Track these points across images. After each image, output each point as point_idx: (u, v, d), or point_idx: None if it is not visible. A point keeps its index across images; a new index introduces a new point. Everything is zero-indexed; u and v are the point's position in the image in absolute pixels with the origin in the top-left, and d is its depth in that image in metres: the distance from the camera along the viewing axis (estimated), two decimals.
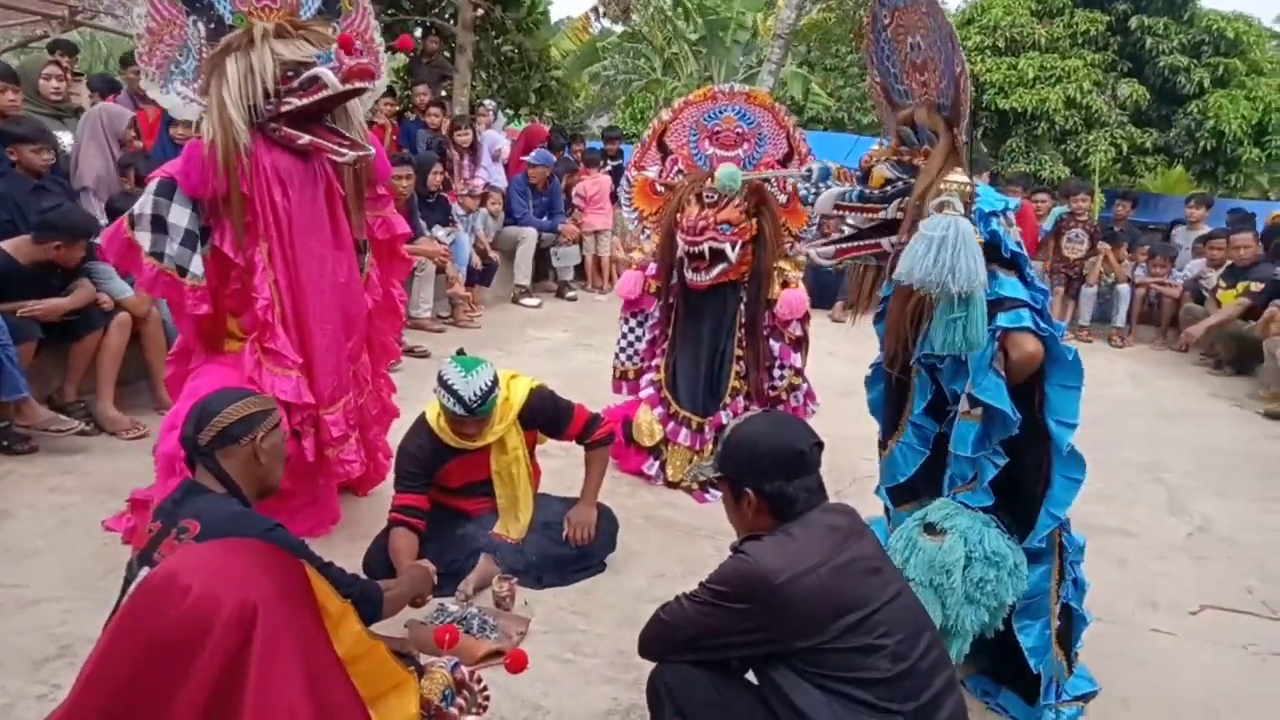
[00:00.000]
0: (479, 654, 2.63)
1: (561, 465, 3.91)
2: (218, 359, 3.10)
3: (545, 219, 8.39)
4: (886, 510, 2.88)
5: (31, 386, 4.00)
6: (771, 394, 4.23)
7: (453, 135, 7.98)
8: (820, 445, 1.95)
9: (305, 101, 2.90)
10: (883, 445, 2.79)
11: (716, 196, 4.08)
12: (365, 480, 3.70)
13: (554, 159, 8.59)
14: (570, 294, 8.58)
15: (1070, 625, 2.63)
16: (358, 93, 3.01)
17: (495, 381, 2.95)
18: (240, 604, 1.22)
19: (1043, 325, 2.35)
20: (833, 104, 17.29)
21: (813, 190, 2.64)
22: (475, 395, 2.88)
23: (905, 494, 2.73)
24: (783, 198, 4.25)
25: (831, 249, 2.56)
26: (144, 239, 2.93)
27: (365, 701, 1.38)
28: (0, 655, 2.54)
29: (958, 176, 2.25)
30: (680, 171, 4.36)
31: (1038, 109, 11.82)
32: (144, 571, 2.08)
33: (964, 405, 2.42)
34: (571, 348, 6.75)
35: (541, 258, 8.54)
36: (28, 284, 4.08)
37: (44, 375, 4.26)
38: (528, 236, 8.08)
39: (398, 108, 8.81)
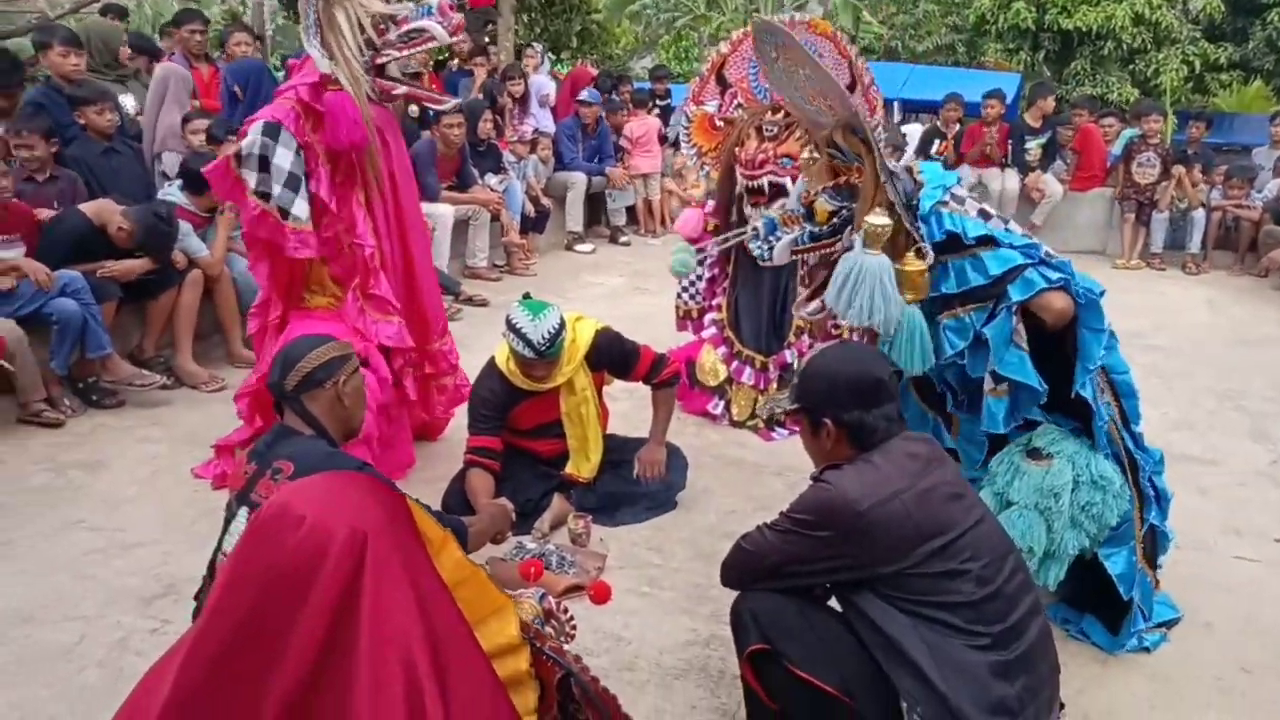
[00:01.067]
0: (559, 588, 2.70)
1: (626, 408, 3.95)
2: (309, 315, 3.16)
3: (594, 163, 8.33)
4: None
5: (114, 344, 4.15)
6: (835, 332, 4.19)
7: (505, 84, 7.92)
8: (899, 373, 1.94)
9: (408, 53, 2.94)
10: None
11: (777, 129, 4.01)
12: (434, 426, 3.79)
13: (602, 98, 8.49)
14: (624, 239, 8.55)
15: (1155, 543, 2.61)
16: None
17: (562, 324, 2.97)
18: (352, 532, 1.26)
19: (1053, 275, 2.31)
20: (885, 31, 16.75)
21: (765, 247, 2.63)
22: (544, 338, 2.90)
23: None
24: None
25: (818, 303, 2.50)
26: (250, 177, 2.96)
27: (470, 624, 1.43)
28: (111, 594, 2.68)
29: (874, 219, 2.21)
30: (740, 105, 4.28)
31: (1103, 27, 11.33)
32: (243, 510, 2.18)
33: (989, 384, 2.43)
34: (628, 292, 6.75)
35: (592, 203, 8.50)
36: (106, 245, 4.20)
37: (124, 332, 4.41)
38: (577, 182, 8.04)
39: (439, 57, 8.76)
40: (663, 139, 9.07)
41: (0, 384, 3.90)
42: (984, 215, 2.42)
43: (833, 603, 1.95)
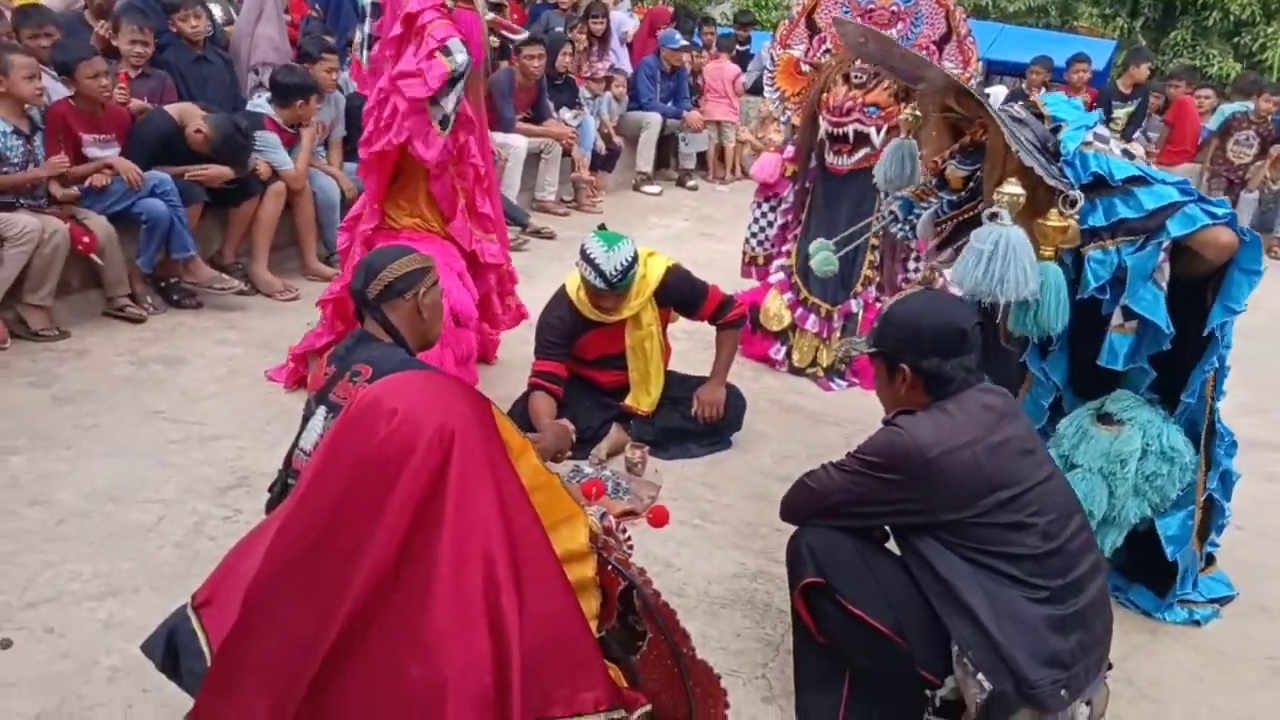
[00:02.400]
0: (615, 512, 2.76)
1: (685, 348, 3.96)
2: (396, 235, 3.20)
3: (670, 104, 8.24)
4: None
5: (203, 247, 4.28)
6: (904, 286, 4.14)
7: (587, 21, 7.81)
8: (982, 325, 1.92)
9: None
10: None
11: (865, 77, 3.93)
12: (489, 347, 3.86)
13: (682, 40, 8.35)
14: (691, 183, 8.48)
15: (1210, 518, 2.57)
16: None
17: (636, 257, 2.99)
18: (440, 426, 1.31)
19: (1217, 210, 2.21)
20: None
21: (906, 227, 2.57)
22: (616, 269, 2.92)
23: None
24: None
25: (949, 251, 2.47)
26: (450, 100, 2.97)
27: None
28: (188, 481, 2.82)
29: (1010, 188, 2.12)
30: (828, 51, 4.19)
31: None
32: (320, 410, 2.25)
33: (1117, 319, 2.35)
34: (694, 236, 6.72)
35: (663, 145, 8.43)
36: (187, 148, 4.30)
37: (206, 237, 4.53)
38: (652, 122, 7.97)
39: None
40: (739, 86, 8.91)
41: (89, 278, 4.06)
42: (1128, 156, 2.35)
43: (892, 546, 1.98)
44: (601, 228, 3.11)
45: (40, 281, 3.74)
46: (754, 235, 4.44)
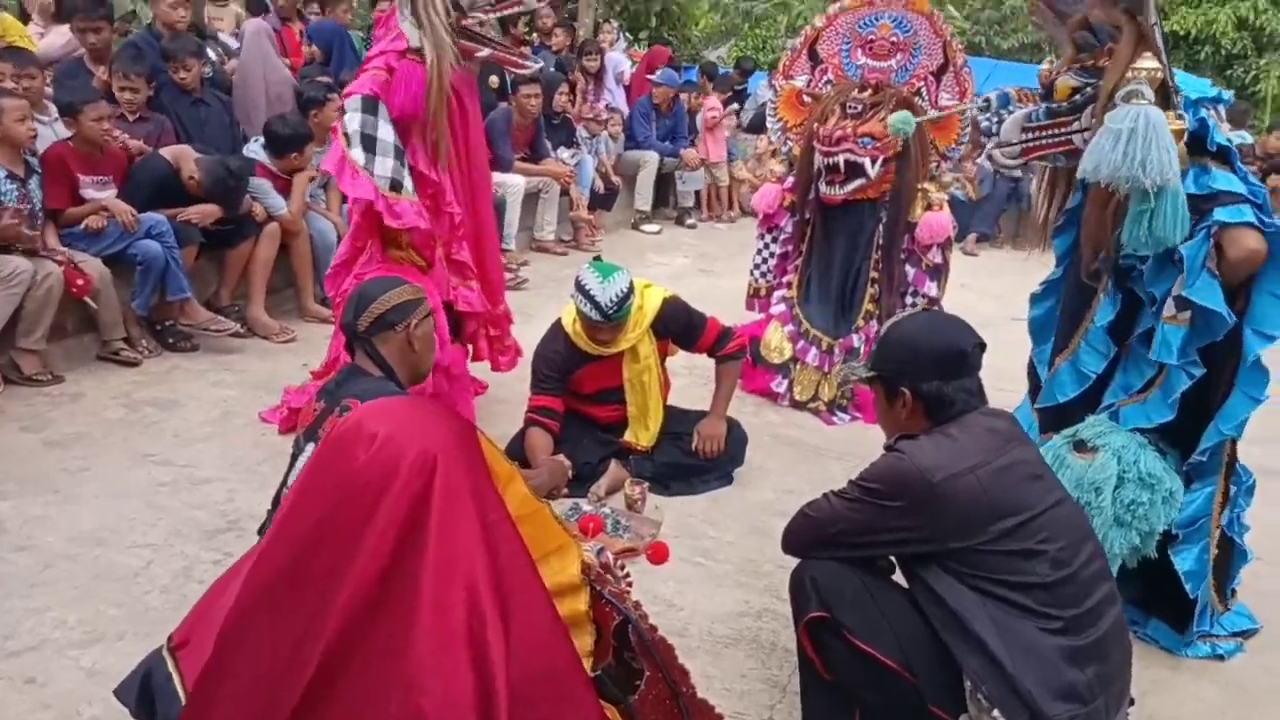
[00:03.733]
0: (615, 549, 2.68)
1: (685, 383, 3.92)
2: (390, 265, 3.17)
3: (668, 143, 8.28)
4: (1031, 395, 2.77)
5: (199, 288, 4.26)
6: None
7: (581, 60, 7.91)
8: (982, 346, 1.87)
9: (495, 15, 2.93)
10: (1049, 363, 2.66)
11: (860, 108, 3.93)
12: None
13: (679, 79, 8.43)
14: (690, 221, 8.50)
15: (1229, 558, 2.49)
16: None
17: (631, 288, 2.95)
18: (423, 451, 1.26)
19: (1266, 220, 2.16)
20: (969, 26, 16.30)
21: (995, 119, 2.51)
22: (611, 301, 2.89)
23: (1055, 420, 2.61)
24: (932, 113, 4.04)
25: (1017, 148, 2.43)
26: (359, 156, 2.88)
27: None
28: (178, 524, 2.76)
29: (1147, 63, 2.07)
30: (830, 82, 4.21)
31: (1203, 31, 10.87)
32: (309, 447, 2.20)
33: (1169, 310, 2.26)
34: (693, 273, 6.71)
35: (661, 184, 8.46)
36: (184, 191, 4.30)
37: (202, 279, 4.52)
38: (649, 161, 8.00)
39: (523, 31, 8.78)
40: (725, 126, 8.96)
41: (83, 321, 4.03)
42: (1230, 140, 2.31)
43: (898, 578, 1.91)
44: (597, 259, 3.08)
45: (34, 325, 3.71)
46: (757, 267, 4.42)
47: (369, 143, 2.88)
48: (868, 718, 1.87)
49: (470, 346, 3.46)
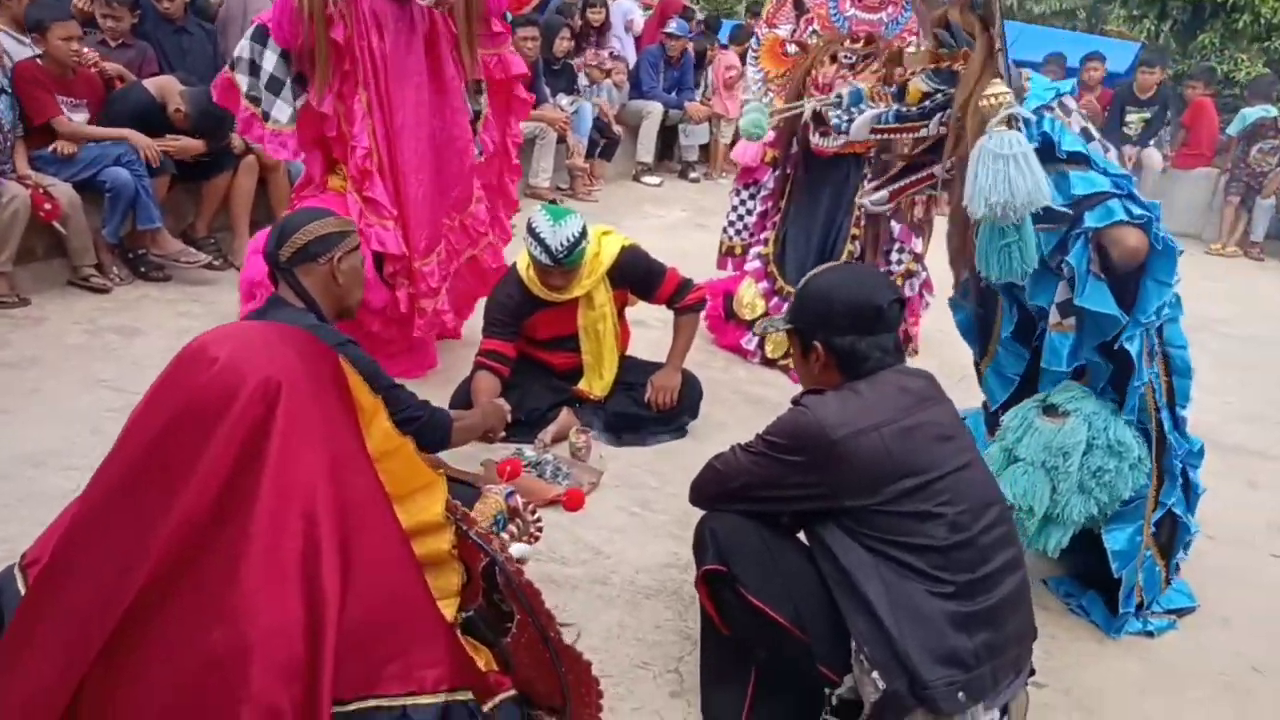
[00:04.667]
0: (547, 496, 2.67)
1: (659, 335, 3.86)
2: (325, 195, 3.15)
3: (674, 95, 8.12)
4: (985, 406, 2.70)
5: (167, 220, 4.24)
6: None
7: (585, 12, 7.72)
8: (901, 303, 1.81)
9: None
10: (976, 368, 2.61)
11: (854, 58, 3.82)
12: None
13: (690, 30, 8.24)
14: (693, 175, 8.37)
15: (1174, 534, 2.43)
16: None
17: (583, 233, 2.89)
18: (265, 379, 1.23)
19: (1136, 210, 2.09)
20: None
21: (845, 118, 2.45)
22: (562, 245, 2.83)
23: (997, 424, 2.55)
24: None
25: (884, 193, 2.37)
26: (242, 81, 2.98)
27: (392, 498, 1.40)
28: None
29: (995, 89, 1.98)
30: (815, 33, 4.08)
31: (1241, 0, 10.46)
32: None
33: (1054, 317, 2.26)
34: (688, 227, 6.61)
35: (666, 136, 8.32)
36: (165, 122, 4.26)
37: (180, 210, 4.50)
38: (653, 111, 7.86)
39: None
40: (731, 79, 8.76)
41: (55, 246, 4.02)
42: (1086, 135, 2.23)
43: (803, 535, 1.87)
44: (552, 202, 3.01)
45: None
46: (731, 224, 4.33)
47: (255, 69, 2.95)
48: (764, 673, 1.85)
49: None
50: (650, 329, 4.03)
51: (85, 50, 4.15)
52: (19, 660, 1.19)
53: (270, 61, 2.95)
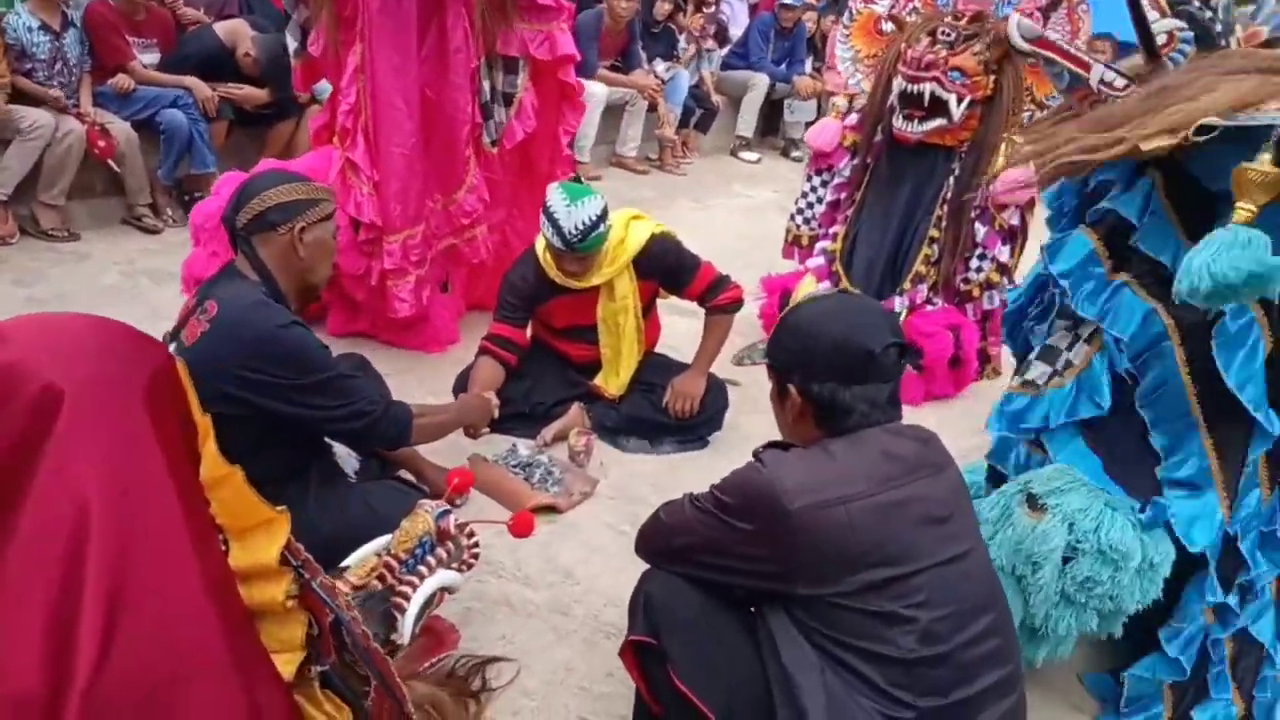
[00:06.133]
0: (528, 504, 2.44)
1: (694, 326, 3.56)
2: (327, 146, 3.00)
3: (783, 67, 7.65)
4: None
5: (227, 164, 4.19)
6: (963, 287, 3.60)
7: None
8: (902, 349, 1.46)
9: None
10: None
11: (954, 35, 3.38)
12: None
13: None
14: (795, 154, 7.90)
15: (1252, 661, 1.96)
16: None
17: (602, 216, 2.60)
18: (45, 387, 1.02)
19: None
20: None
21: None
22: (576, 229, 2.55)
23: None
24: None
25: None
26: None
27: (229, 531, 1.19)
28: None
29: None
30: (916, 10, 3.64)
31: None
32: (173, 346, 2.03)
33: None
34: (775, 210, 6.19)
35: (771, 110, 7.86)
36: (233, 68, 4.20)
37: (241, 155, 4.43)
38: (758, 84, 7.42)
39: None
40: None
41: (113, 183, 4.03)
42: None
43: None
44: (575, 179, 2.74)
45: (52, 180, 3.72)
46: (800, 212, 3.97)
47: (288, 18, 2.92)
48: None
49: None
50: (686, 317, 3.71)
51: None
52: None
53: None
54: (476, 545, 1.84)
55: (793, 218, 4.00)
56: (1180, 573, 1.82)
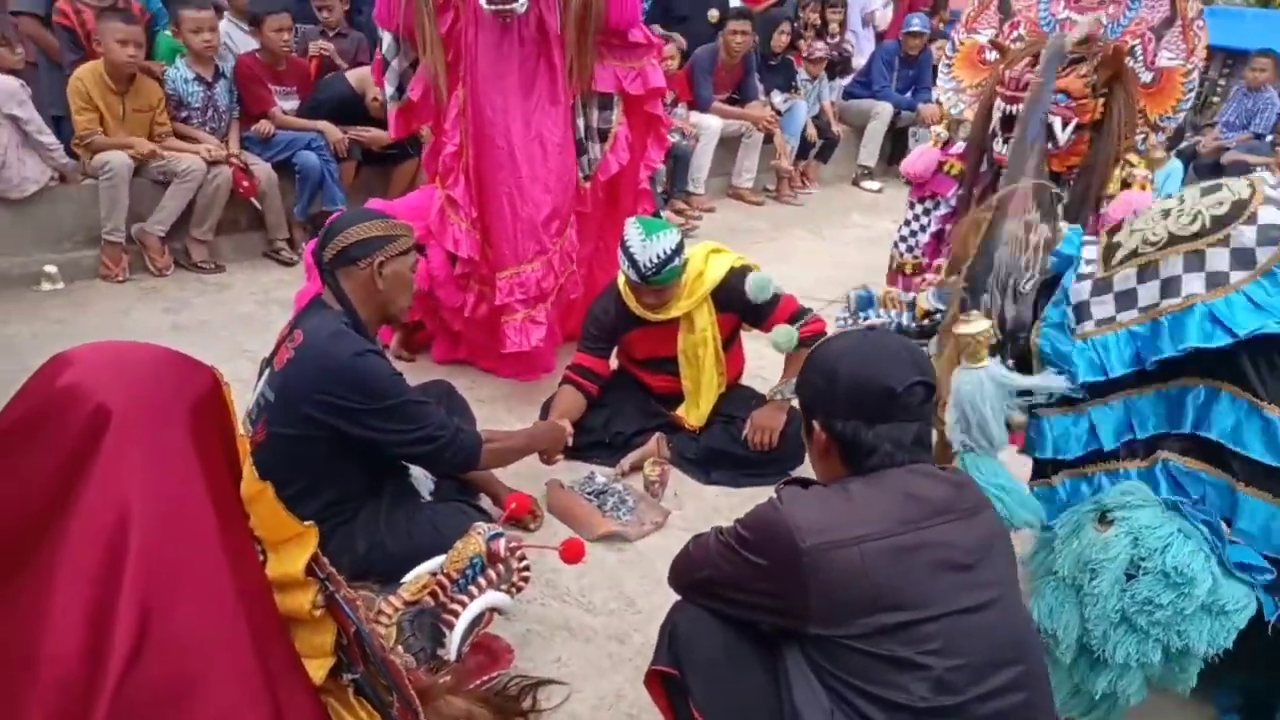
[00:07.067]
0: (597, 532, 2.50)
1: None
2: (428, 185, 3.19)
3: (908, 95, 7.50)
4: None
5: (354, 201, 4.51)
6: None
7: (824, 9, 7.26)
8: (927, 386, 1.43)
9: None
10: None
11: (1065, 59, 3.24)
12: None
13: (933, 26, 7.57)
14: None
15: None
16: None
17: (677, 250, 2.65)
18: (97, 408, 1.16)
19: None
20: None
21: (849, 320, 2.11)
22: (650, 263, 2.61)
23: None
24: (1147, 75, 3.25)
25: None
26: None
27: (267, 544, 1.30)
28: None
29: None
30: (1020, 38, 3.52)
31: None
32: (266, 371, 2.22)
33: None
34: (888, 241, 6.07)
35: (896, 139, 7.71)
36: (364, 112, 4.53)
37: (368, 193, 4.74)
38: (882, 112, 7.30)
39: None
40: None
41: (255, 219, 4.41)
42: None
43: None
44: (655, 214, 2.80)
45: (203, 217, 4.11)
46: (904, 240, 3.87)
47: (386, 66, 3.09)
48: None
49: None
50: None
51: (320, 43, 4.53)
52: None
53: (386, 42, 3.05)
54: (527, 569, 1.91)
55: (896, 245, 3.91)
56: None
